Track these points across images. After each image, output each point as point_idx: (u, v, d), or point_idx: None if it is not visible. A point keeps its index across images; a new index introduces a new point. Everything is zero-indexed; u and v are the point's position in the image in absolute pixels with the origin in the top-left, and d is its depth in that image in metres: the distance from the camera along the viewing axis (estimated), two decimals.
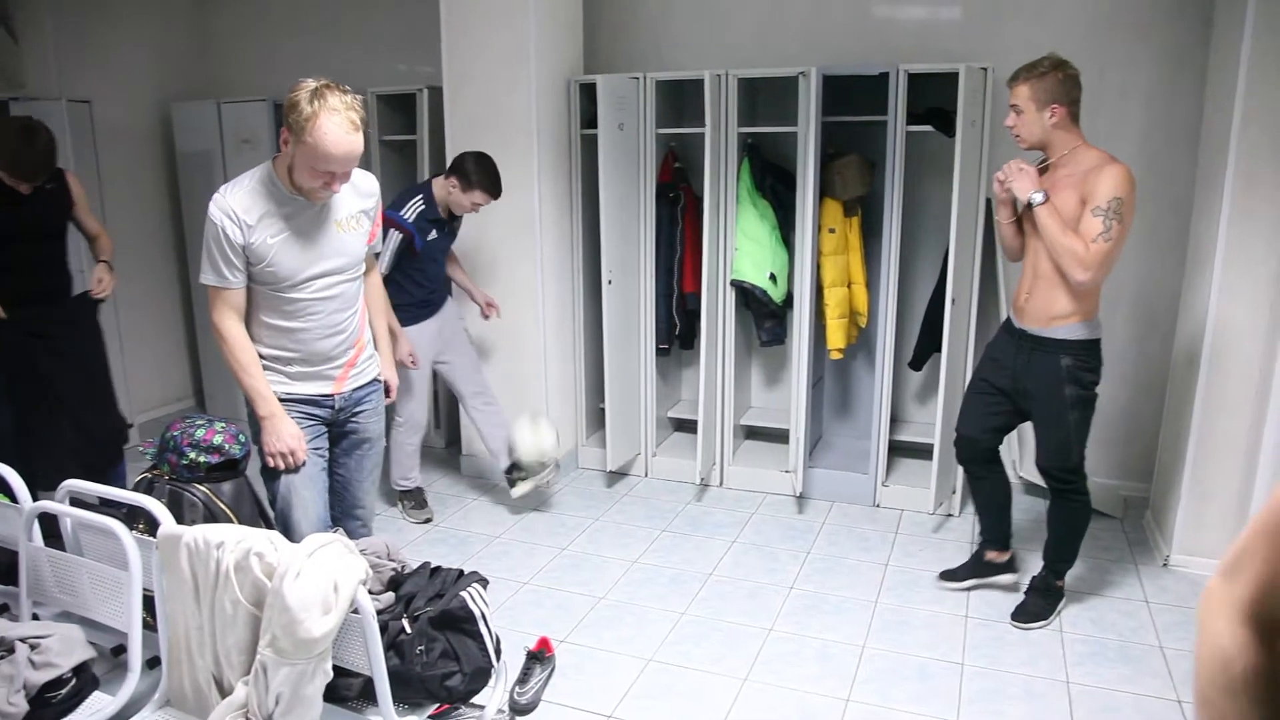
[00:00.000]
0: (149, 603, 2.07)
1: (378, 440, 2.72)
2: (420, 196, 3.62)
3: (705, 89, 3.87)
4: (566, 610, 3.24)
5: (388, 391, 2.76)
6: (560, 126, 4.20)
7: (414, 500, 4.04)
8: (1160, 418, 3.74)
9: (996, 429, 3.08)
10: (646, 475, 4.50)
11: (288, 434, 2.40)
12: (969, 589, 3.28)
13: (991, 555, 3.26)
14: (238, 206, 2.26)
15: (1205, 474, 3.31)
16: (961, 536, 3.77)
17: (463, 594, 2.06)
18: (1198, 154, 3.54)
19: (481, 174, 3.57)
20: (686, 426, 4.79)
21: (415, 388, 3.83)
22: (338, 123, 2.13)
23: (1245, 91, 3.03)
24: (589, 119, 4.20)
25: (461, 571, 2.18)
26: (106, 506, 2.37)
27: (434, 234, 3.65)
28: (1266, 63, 2.98)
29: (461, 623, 2.04)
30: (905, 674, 2.83)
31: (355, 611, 1.79)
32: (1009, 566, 3.27)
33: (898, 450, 4.22)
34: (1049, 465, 2.97)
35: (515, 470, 3.96)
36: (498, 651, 2.08)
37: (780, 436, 4.42)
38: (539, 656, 2.78)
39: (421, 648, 1.96)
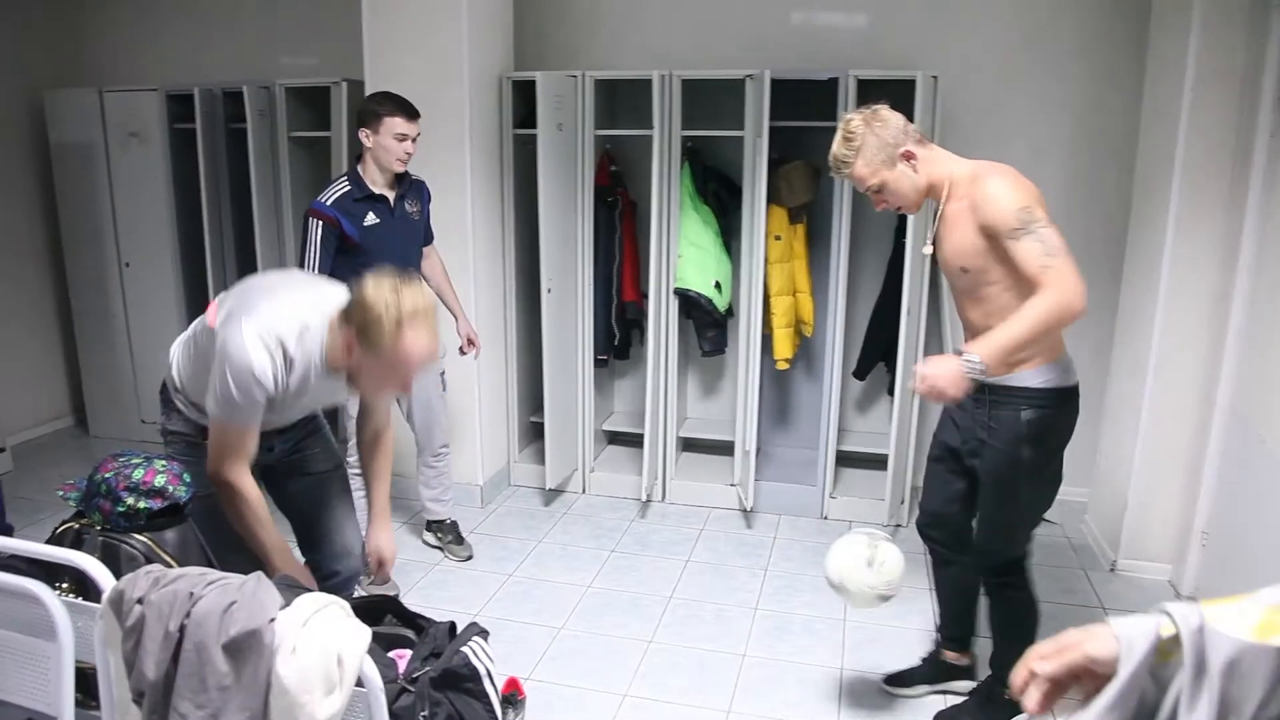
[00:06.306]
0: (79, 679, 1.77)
1: (333, 473, 2.45)
2: (344, 178, 3.19)
3: (653, 90, 3.72)
4: (525, 644, 3.03)
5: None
6: (491, 126, 3.97)
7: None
8: (1095, 424, 3.81)
9: (963, 498, 2.52)
10: (584, 492, 4.31)
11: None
12: (922, 695, 2.76)
13: (951, 657, 2.76)
14: (286, 371, 2.03)
15: (1151, 480, 3.39)
16: (914, 548, 3.70)
17: (464, 650, 1.84)
18: (1134, 167, 3.64)
19: (382, 100, 3.15)
20: (620, 440, 4.63)
21: (427, 409, 3.47)
22: (424, 341, 1.90)
23: (1190, 107, 3.11)
24: (520, 118, 3.99)
25: (454, 624, 1.96)
26: (15, 561, 2.02)
27: (372, 216, 3.16)
28: (1209, 83, 3.08)
29: (465, 681, 1.82)
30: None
31: (359, 685, 1.55)
32: (969, 673, 2.75)
33: (840, 460, 4.16)
34: (987, 548, 2.46)
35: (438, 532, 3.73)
36: (504, 710, 1.87)
37: (719, 448, 4.32)
38: (510, 700, 2.57)
39: (425, 713, 1.73)
